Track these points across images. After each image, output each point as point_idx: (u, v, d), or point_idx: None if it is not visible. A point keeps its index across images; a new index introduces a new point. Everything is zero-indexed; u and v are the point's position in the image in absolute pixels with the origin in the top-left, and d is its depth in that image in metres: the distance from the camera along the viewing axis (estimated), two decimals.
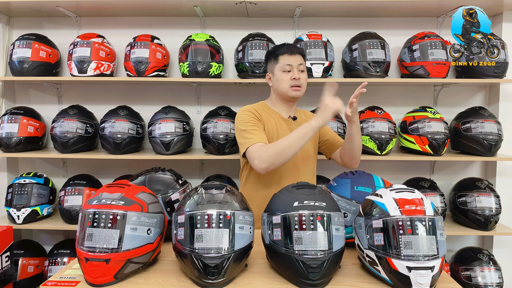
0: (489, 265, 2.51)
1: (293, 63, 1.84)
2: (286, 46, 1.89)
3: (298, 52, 1.88)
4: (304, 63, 1.89)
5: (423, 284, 1.12)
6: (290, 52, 1.86)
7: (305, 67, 1.90)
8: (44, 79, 2.65)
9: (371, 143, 2.51)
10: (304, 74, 1.89)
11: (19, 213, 2.50)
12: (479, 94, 2.88)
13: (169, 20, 2.88)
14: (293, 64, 1.84)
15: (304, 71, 1.89)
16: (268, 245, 1.27)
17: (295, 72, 1.84)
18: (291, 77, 1.84)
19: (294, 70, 1.84)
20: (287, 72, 1.85)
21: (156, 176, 1.62)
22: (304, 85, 1.88)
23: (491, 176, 2.82)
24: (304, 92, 1.89)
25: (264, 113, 1.90)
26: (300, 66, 1.86)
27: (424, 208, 1.18)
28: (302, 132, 1.63)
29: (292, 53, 1.86)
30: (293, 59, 1.85)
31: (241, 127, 1.78)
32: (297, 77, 1.83)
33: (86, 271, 1.20)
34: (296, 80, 1.83)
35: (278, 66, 1.87)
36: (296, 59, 1.85)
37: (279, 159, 1.63)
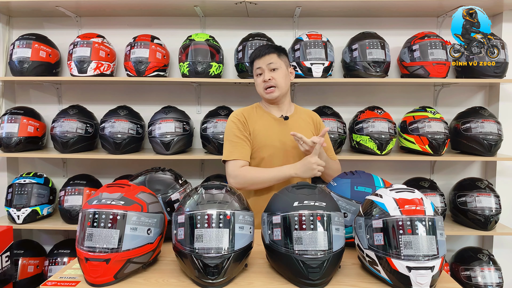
0: (489, 265, 2.51)
1: (261, 65, 1.83)
2: (256, 50, 1.89)
3: (266, 53, 1.83)
4: (276, 60, 1.83)
5: (423, 284, 1.12)
6: (258, 56, 1.84)
7: (280, 64, 1.83)
8: (44, 79, 2.65)
9: (371, 143, 2.51)
10: (278, 72, 1.82)
11: (19, 213, 2.50)
12: (479, 94, 2.88)
13: (169, 20, 2.88)
14: (262, 66, 1.83)
15: (278, 68, 1.82)
16: (268, 245, 1.27)
17: (265, 74, 1.82)
18: (262, 79, 1.83)
19: (264, 72, 1.83)
20: (259, 75, 1.85)
21: (156, 176, 1.62)
22: (281, 83, 1.83)
23: (491, 176, 2.82)
24: (282, 90, 1.84)
25: (254, 114, 1.92)
26: (270, 65, 1.82)
27: (424, 208, 1.18)
28: (280, 175, 1.76)
29: (260, 55, 1.83)
30: (262, 61, 1.83)
31: (226, 136, 1.89)
32: (266, 79, 1.81)
33: (86, 271, 1.20)
34: (266, 82, 1.81)
35: (253, 71, 1.89)
36: (265, 60, 1.82)
37: (253, 187, 1.81)
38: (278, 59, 1.84)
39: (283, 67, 1.86)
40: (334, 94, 2.88)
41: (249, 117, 1.90)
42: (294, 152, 1.86)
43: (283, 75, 1.85)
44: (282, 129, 1.88)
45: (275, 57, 1.84)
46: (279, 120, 1.90)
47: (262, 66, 1.83)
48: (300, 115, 1.97)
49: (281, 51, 1.89)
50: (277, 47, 1.88)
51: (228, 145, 1.85)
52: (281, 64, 1.85)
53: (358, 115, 2.65)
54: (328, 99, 2.85)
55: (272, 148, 1.85)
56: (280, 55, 1.87)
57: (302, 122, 1.94)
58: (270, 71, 1.82)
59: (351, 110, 2.77)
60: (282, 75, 1.84)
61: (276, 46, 1.89)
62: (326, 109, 2.65)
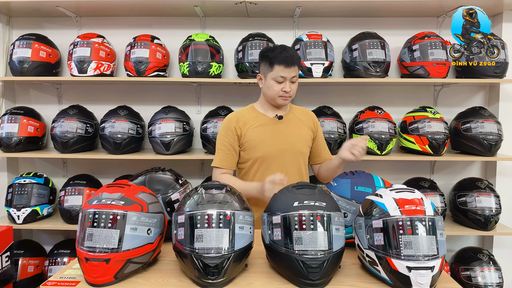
0: (489, 265, 2.51)
1: (287, 75, 1.78)
2: (284, 56, 1.78)
3: (294, 64, 1.79)
4: (297, 73, 1.83)
5: (423, 284, 1.12)
6: (286, 64, 1.77)
7: (297, 76, 1.84)
8: (44, 79, 2.65)
9: (371, 143, 2.51)
10: (295, 85, 1.84)
11: (19, 213, 2.50)
12: (479, 94, 2.88)
13: (169, 20, 2.88)
14: (286, 77, 1.78)
15: (296, 82, 1.83)
16: (268, 245, 1.27)
17: (287, 85, 1.79)
18: (282, 88, 1.80)
19: (286, 82, 1.79)
20: (279, 83, 1.81)
21: (156, 176, 1.62)
22: (294, 94, 1.86)
23: (491, 176, 2.82)
24: (292, 99, 1.91)
25: (248, 116, 1.91)
26: (293, 78, 1.80)
27: (424, 208, 1.18)
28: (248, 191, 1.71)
29: (289, 65, 1.77)
30: (288, 72, 1.77)
31: (216, 141, 1.94)
32: (288, 90, 1.79)
33: (86, 271, 1.20)
34: (287, 92, 1.80)
35: (271, 73, 1.81)
36: (291, 71, 1.78)
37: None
38: (297, 72, 1.83)
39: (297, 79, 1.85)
40: (334, 94, 2.88)
41: (243, 120, 1.89)
42: (288, 152, 1.87)
43: (296, 88, 1.86)
44: (276, 128, 1.88)
45: (297, 70, 1.82)
46: (274, 120, 1.90)
47: (287, 76, 1.78)
48: (295, 114, 1.96)
49: (300, 64, 1.89)
50: (299, 58, 1.88)
51: (216, 151, 1.92)
52: (298, 77, 1.85)
53: (358, 115, 2.65)
54: (328, 99, 2.85)
55: (266, 147, 1.85)
56: (299, 65, 1.88)
57: (296, 120, 1.94)
58: (291, 83, 1.81)
59: (351, 110, 2.77)
60: (296, 87, 1.85)
61: (299, 57, 1.88)
62: (326, 109, 2.65)
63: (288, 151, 1.87)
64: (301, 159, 1.92)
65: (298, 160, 1.91)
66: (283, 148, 1.86)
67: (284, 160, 1.86)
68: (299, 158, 1.91)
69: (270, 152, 1.85)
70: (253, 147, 1.86)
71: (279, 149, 1.85)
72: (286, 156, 1.87)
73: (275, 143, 1.86)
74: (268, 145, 1.85)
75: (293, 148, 1.88)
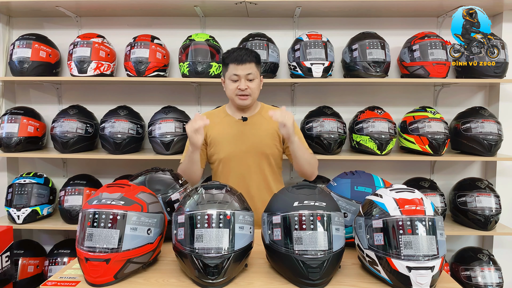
0: (489, 265, 2.51)
1: (240, 73, 1.79)
2: (235, 53, 1.81)
3: (247, 60, 1.78)
4: (255, 71, 1.81)
5: (423, 284, 1.12)
6: (237, 62, 1.78)
7: (257, 74, 1.83)
8: (44, 79, 2.65)
9: (371, 143, 2.51)
10: (254, 83, 1.82)
11: (19, 213, 2.50)
12: (479, 94, 2.88)
13: (169, 20, 2.88)
14: (240, 74, 1.79)
15: (254, 79, 1.82)
16: (268, 245, 1.27)
17: (241, 83, 1.79)
18: (237, 86, 1.81)
19: (241, 80, 1.80)
20: (234, 81, 1.82)
21: (156, 176, 1.62)
22: (255, 93, 1.84)
23: (491, 176, 2.82)
24: (254, 99, 1.86)
25: (216, 118, 1.94)
26: (249, 75, 1.79)
27: (424, 208, 1.18)
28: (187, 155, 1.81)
29: (240, 62, 1.78)
30: (241, 69, 1.78)
31: None
32: (243, 88, 1.79)
33: (86, 271, 1.20)
34: (242, 90, 1.80)
35: (227, 73, 1.84)
36: (244, 68, 1.78)
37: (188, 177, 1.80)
38: (255, 69, 1.82)
39: (257, 77, 1.85)
40: (334, 94, 2.88)
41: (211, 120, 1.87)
42: (251, 154, 1.88)
43: (257, 85, 1.86)
44: (239, 130, 1.90)
45: (254, 67, 1.81)
46: (238, 122, 1.91)
47: (240, 73, 1.79)
48: (262, 114, 1.94)
49: (259, 60, 1.87)
50: (256, 55, 1.85)
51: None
52: (257, 74, 1.84)
53: (358, 115, 2.65)
54: (328, 99, 2.85)
55: (228, 149, 1.89)
56: (258, 64, 1.86)
57: (262, 120, 1.92)
58: (247, 81, 1.80)
59: (351, 110, 2.77)
60: (257, 85, 1.85)
61: (256, 54, 1.86)
62: (326, 109, 2.65)
63: (250, 152, 1.88)
64: (264, 161, 1.91)
65: (261, 161, 1.91)
66: (245, 150, 1.88)
67: (247, 161, 1.88)
68: (261, 159, 1.91)
69: (233, 153, 1.89)
70: (216, 147, 1.92)
71: (241, 151, 1.88)
72: (248, 158, 1.88)
73: (237, 145, 1.88)
74: (230, 147, 1.89)
75: (256, 150, 1.88)
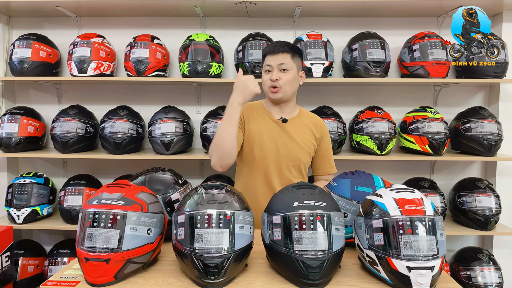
0: (489, 265, 2.51)
1: (273, 63, 1.74)
2: (271, 45, 1.78)
3: (281, 50, 1.73)
4: (289, 61, 1.74)
5: (423, 284, 1.12)
6: (271, 52, 1.74)
7: (291, 65, 1.75)
8: (44, 79, 2.65)
9: (371, 143, 2.51)
10: (288, 75, 1.75)
11: (19, 213, 2.50)
12: (479, 94, 2.88)
13: (169, 20, 2.88)
14: (272, 65, 1.74)
15: (287, 70, 1.74)
16: (268, 245, 1.27)
17: (273, 73, 1.74)
18: (269, 77, 1.75)
19: (274, 70, 1.74)
20: (267, 72, 1.77)
21: (156, 176, 1.62)
22: (286, 86, 1.75)
23: (491, 176, 2.82)
24: (286, 93, 1.77)
25: (255, 112, 1.87)
26: (282, 65, 1.73)
27: (424, 208, 1.18)
28: (227, 112, 1.65)
29: (273, 52, 1.74)
30: (274, 59, 1.74)
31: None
32: (273, 78, 1.73)
33: (86, 271, 1.20)
34: (273, 81, 1.74)
35: (263, 67, 1.81)
36: (277, 58, 1.73)
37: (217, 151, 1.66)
38: (291, 61, 1.75)
39: (294, 69, 1.76)
40: (334, 94, 2.88)
41: (250, 114, 1.86)
42: (286, 156, 1.81)
43: (291, 78, 1.76)
44: (278, 131, 1.83)
45: (289, 58, 1.74)
46: (277, 122, 1.84)
47: (272, 64, 1.74)
48: (302, 119, 1.89)
49: (296, 52, 1.78)
50: (293, 47, 1.78)
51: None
52: (293, 66, 1.76)
53: (358, 115, 2.65)
54: (328, 99, 2.85)
55: (265, 149, 1.81)
56: (295, 56, 1.77)
57: (302, 126, 1.87)
58: (280, 71, 1.74)
59: (351, 110, 2.77)
60: (291, 78, 1.75)
61: (292, 46, 1.78)
62: (326, 109, 2.65)
63: (286, 156, 1.82)
64: (295, 168, 1.86)
65: (293, 167, 1.85)
66: (280, 152, 1.81)
67: (280, 164, 1.81)
68: (294, 166, 1.85)
69: (268, 155, 1.81)
70: (252, 147, 1.82)
71: (277, 153, 1.80)
72: (282, 162, 1.82)
73: (274, 147, 1.81)
74: (266, 148, 1.81)
75: (291, 154, 1.82)
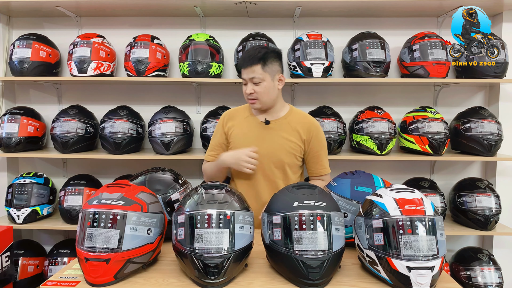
0: (489, 265, 2.51)
1: (245, 77, 1.77)
2: (242, 57, 1.82)
3: (249, 64, 1.73)
4: (260, 73, 1.73)
5: (423, 284, 1.12)
6: (242, 66, 1.78)
7: (263, 76, 1.73)
8: (44, 79, 2.65)
9: (371, 143, 2.51)
10: (259, 86, 1.74)
11: (19, 213, 2.50)
12: (479, 94, 2.88)
13: (169, 20, 2.88)
14: (245, 78, 1.77)
15: (259, 83, 1.74)
16: (268, 245, 1.27)
17: (248, 87, 1.77)
18: (245, 90, 1.80)
19: (248, 84, 1.77)
20: (245, 85, 1.80)
21: (156, 176, 1.62)
22: (261, 97, 1.76)
23: (491, 176, 2.82)
24: (265, 103, 1.79)
25: (240, 116, 1.92)
26: (253, 79, 1.74)
27: (424, 208, 1.18)
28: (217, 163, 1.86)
29: (244, 66, 1.77)
30: (245, 73, 1.76)
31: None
32: (248, 92, 1.77)
33: (86, 271, 1.20)
34: (248, 94, 1.78)
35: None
36: (248, 72, 1.74)
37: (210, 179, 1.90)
38: (262, 71, 1.73)
39: (267, 79, 1.75)
40: (334, 94, 2.88)
41: (234, 119, 1.92)
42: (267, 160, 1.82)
43: (265, 89, 1.75)
44: (261, 133, 1.84)
45: (259, 69, 1.73)
46: (261, 124, 1.86)
47: (245, 77, 1.77)
48: (288, 120, 1.86)
49: (267, 59, 1.74)
50: (263, 56, 1.73)
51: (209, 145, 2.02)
52: (265, 76, 1.74)
53: (358, 115, 2.65)
54: (328, 99, 2.85)
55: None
56: (266, 64, 1.74)
57: (286, 127, 1.85)
58: (253, 84, 1.76)
59: (351, 110, 2.77)
60: (264, 89, 1.75)
61: (262, 55, 1.73)
62: (326, 109, 2.65)
63: (268, 157, 1.82)
64: (279, 169, 1.85)
65: (276, 169, 1.84)
66: (263, 154, 1.80)
67: (262, 166, 1.82)
68: (277, 167, 1.84)
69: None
70: (235, 147, 1.86)
71: (260, 155, 1.79)
72: (264, 163, 1.82)
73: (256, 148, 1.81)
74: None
75: (273, 157, 1.82)
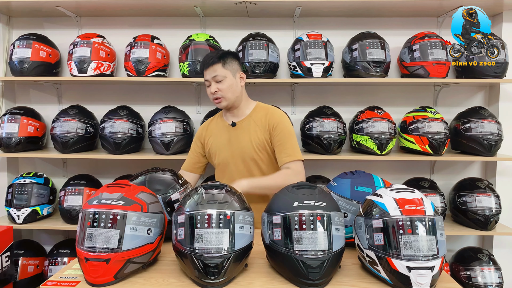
0: (489, 265, 2.51)
1: (208, 77, 1.85)
2: (203, 60, 1.89)
3: (210, 63, 1.83)
4: (221, 71, 1.82)
5: (423, 284, 1.12)
6: (204, 67, 1.87)
7: (224, 73, 1.82)
8: (44, 79, 2.65)
9: (371, 143, 2.51)
10: (222, 84, 1.83)
11: (19, 213, 2.50)
12: (479, 94, 2.88)
13: (169, 20, 2.88)
14: (208, 78, 1.85)
15: (222, 80, 1.82)
16: (268, 245, 1.27)
17: (212, 86, 1.84)
18: (209, 91, 1.87)
19: (211, 84, 1.85)
20: (208, 87, 1.88)
21: (156, 176, 1.62)
22: (226, 94, 1.84)
23: (491, 176, 2.82)
24: (229, 99, 1.86)
25: (213, 125, 2.04)
26: (216, 77, 1.82)
27: (424, 208, 1.18)
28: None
29: (205, 67, 1.85)
30: (207, 73, 1.85)
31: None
32: (212, 91, 1.84)
33: (86, 271, 1.20)
34: (213, 94, 1.85)
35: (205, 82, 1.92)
36: (210, 72, 1.83)
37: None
38: (222, 69, 1.83)
39: (228, 76, 1.84)
40: (334, 94, 2.88)
41: (208, 128, 2.04)
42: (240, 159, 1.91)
43: (229, 85, 1.84)
44: (229, 135, 1.94)
45: (220, 68, 1.82)
46: (228, 128, 1.95)
47: (208, 78, 1.85)
48: (253, 118, 1.93)
49: (227, 58, 1.85)
50: (222, 55, 1.84)
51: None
52: (227, 73, 1.83)
53: (358, 115, 2.65)
54: (328, 99, 2.85)
55: (223, 154, 1.95)
56: (226, 63, 1.84)
57: (251, 125, 1.91)
58: (216, 83, 1.84)
59: (351, 110, 2.77)
60: (227, 85, 1.84)
61: (220, 55, 1.84)
62: (326, 109, 2.65)
63: (239, 158, 1.91)
64: (254, 166, 1.91)
65: (251, 167, 1.91)
66: (236, 155, 1.91)
67: (238, 167, 1.91)
68: (251, 165, 1.91)
69: (225, 160, 1.94)
70: (213, 154, 1.98)
71: (232, 156, 1.91)
72: (239, 163, 1.91)
73: (228, 151, 1.93)
74: (223, 152, 1.94)
75: (244, 155, 1.90)
